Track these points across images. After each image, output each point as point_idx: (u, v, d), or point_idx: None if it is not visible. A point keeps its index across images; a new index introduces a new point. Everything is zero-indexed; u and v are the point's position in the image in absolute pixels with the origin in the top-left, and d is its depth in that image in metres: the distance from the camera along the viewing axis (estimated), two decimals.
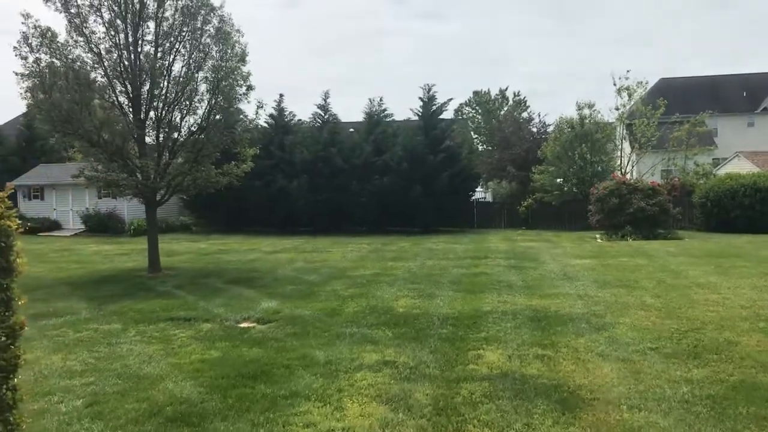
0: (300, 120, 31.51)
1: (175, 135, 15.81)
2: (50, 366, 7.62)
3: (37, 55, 14.12)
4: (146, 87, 15.22)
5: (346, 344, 8.41)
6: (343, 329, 9.28)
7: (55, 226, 30.96)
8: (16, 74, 14.38)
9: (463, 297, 11.69)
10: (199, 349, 8.32)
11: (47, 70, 14.22)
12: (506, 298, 11.55)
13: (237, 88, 15.53)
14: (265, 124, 31.26)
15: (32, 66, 14.11)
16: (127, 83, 14.96)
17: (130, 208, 30.28)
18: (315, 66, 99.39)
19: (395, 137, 28.91)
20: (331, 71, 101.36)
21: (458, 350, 8.05)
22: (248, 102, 15.83)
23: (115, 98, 14.85)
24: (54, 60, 14.47)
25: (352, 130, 31.24)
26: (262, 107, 16.02)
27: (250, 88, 15.53)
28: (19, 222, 4.31)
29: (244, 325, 9.91)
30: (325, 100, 30.40)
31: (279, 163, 29.18)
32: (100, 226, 29.74)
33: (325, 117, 30.45)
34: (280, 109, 31.18)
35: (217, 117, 15.72)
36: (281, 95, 31.49)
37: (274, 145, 29.79)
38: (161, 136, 15.38)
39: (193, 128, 15.88)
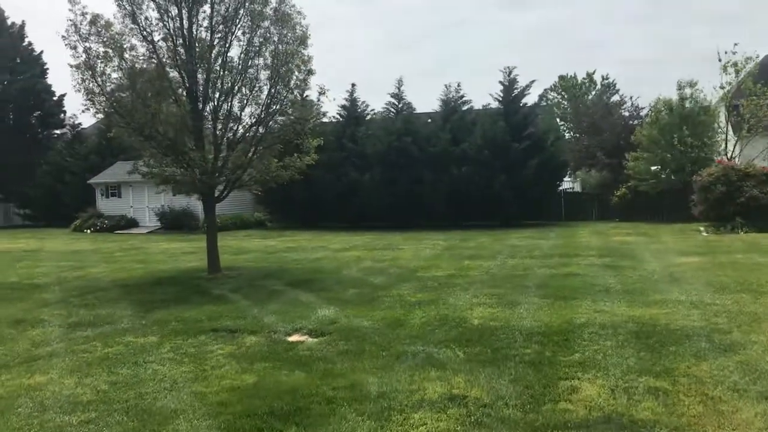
0: (373, 110, 30.22)
1: (234, 126, 14.68)
2: (56, 394, 6.48)
3: (87, 45, 13.27)
4: (202, 76, 14.15)
5: (406, 368, 6.91)
6: (405, 347, 7.79)
7: (131, 223, 30.91)
8: (71, 66, 13.66)
9: (551, 305, 9.95)
10: (232, 373, 7.01)
11: (98, 60, 13.37)
12: (603, 306, 9.74)
13: (297, 73, 14.24)
14: (337, 116, 30.11)
15: (82, 55, 13.29)
16: (182, 72, 13.92)
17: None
18: (392, 61, 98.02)
19: (473, 125, 27.10)
20: (409, 65, 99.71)
21: (546, 379, 6.40)
22: (309, 89, 14.54)
23: (170, 89, 13.82)
24: (107, 49, 13.62)
25: (429, 120, 29.60)
26: (324, 93, 14.66)
27: (310, 72, 14.23)
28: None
29: (293, 338, 8.57)
30: (398, 89, 28.97)
31: (351, 155, 27.96)
32: (174, 223, 29.42)
33: (399, 106, 29.00)
34: (352, 100, 29.95)
35: (277, 106, 14.50)
36: (353, 85, 30.11)
37: (346, 137, 28.60)
38: (218, 127, 14.27)
39: (252, 119, 14.73)
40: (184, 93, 13.93)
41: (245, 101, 14.59)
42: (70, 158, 34.41)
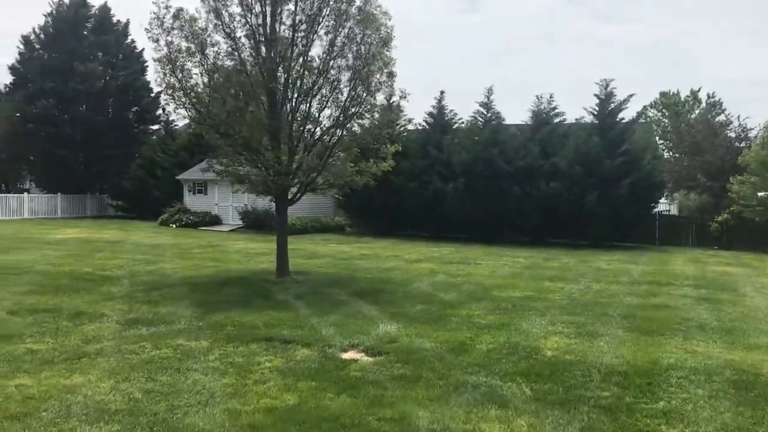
0: (461, 119, 29.36)
1: (312, 128, 14.28)
2: (87, 398, 6.11)
3: (169, 38, 13.21)
4: (282, 75, 13.83)
5: (463, 402, 6.17)
6: (466, 376, 7.03)
7: (215, 220, 31.28)
8: (153, 60, 13.67)
9: (636, 340, 8.93)
10: (274, 390, 6.48)
11: (179, 54, 13.29)
12: (696, 346, 8.64)
13: (378, 76, 13.70)
14: (424, 123, 29.49)
15: (164, 48, 13.24)
16: (262, 71, 13.63)
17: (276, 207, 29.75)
18: (484, 71, 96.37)
19: (565, 138, 25.83)
20: (500, 76, 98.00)
21: (622, 431, 5.52)
22: (390, 92, 13.94)
23: (249, 86, 13.56)
24: (190, 44, 13.54)
25: (518, 132, 28.47)
26: (405, 97, 14.02)
27: (391, 75, 13.64)
28: None
29: (347, 355, 7.98)
30: (488, 98, 27.94)
31: (435, 163, 27.21)
32: (256, 223, 29.52)
33: (488, 115, 27.99)
34: (440, 107, 29.20)
35: (356, 109, 14.00)
36: (442, 92, 29.29)
37: (431, 145, 27.90)
38: (295, 128, 13.89)
39: (330, 121, 14.30)
40: (263, 92, 13.62)
41: (324, 103, 14.17)
42: (162, 154, 35.29)
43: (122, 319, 9.75)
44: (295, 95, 13.85)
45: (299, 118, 13.99)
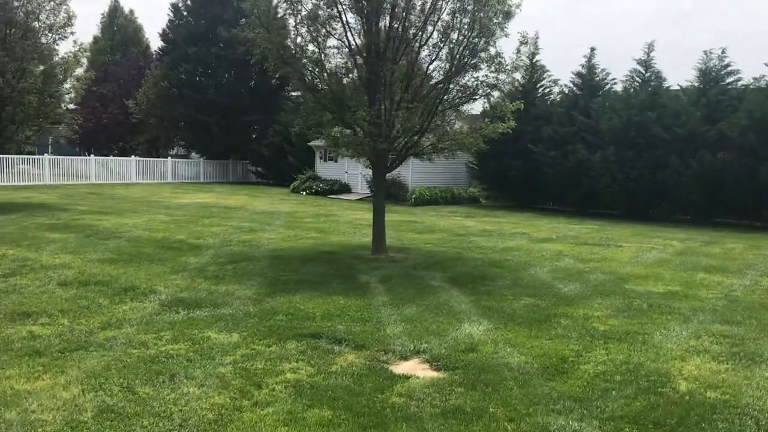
0: (614, 79, 25.81)
1: (418, 82, 12.24)
2: (24, 415, 4.71)
3: None
4: (383, 20, 11.91)
5: None
6: (549, 417, 4.91)
7: (344, 189, 30.25)
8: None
9: None
10: (269, 421, 4.77)
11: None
12: None
13: (495, 18, 11.42)
14: (570, 84, 26.35)
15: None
16: (362, 14, 11.77)
17: (414, 175, 28.11)
18: (656, 35, 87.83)
19: (739, 101, 21.72)
20: (673, 40, 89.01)
21: None
22: (506, 36, 11.61)
23: (344, 31, 11.79)
24: None
25: (682, 93, 24.53)
26: (525, 43, 11.63)
27: (508, 15, 11.29)
28: None
29: (402, 367, 6.10)
30: (647, 54, 24.19)
31: (581, 130, 24.12)
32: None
33: (646, 75, 24.32)
34: (589, 66, 25.81)
35: (470, 59, 11.82)
36: (592, 49, 25.73)
37: (578, 109, 24.80)
38: (395, 82, 11.95)
39: (439, 73, 12.24)
40: (357, 38, 11.80)
41: (435, 54, 12.12)
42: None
43: (168, 299, 8.49)
44: (397, 43, 11.88)
45: (405, 70, 12.03)
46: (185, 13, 38.49)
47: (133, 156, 36.06)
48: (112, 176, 33.56)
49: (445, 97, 12.08)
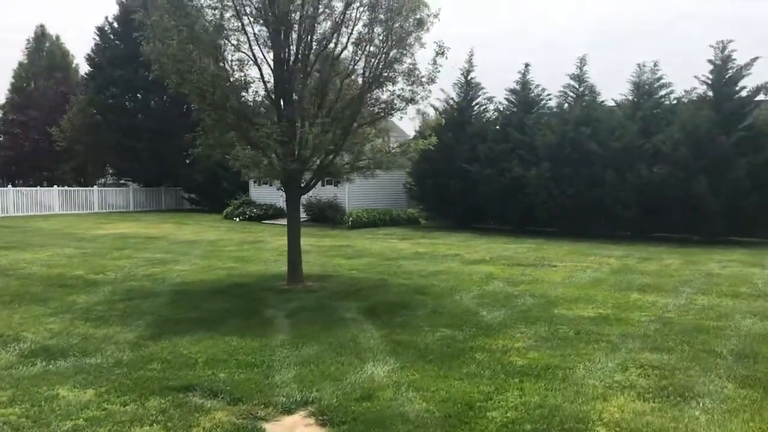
0: (549, 95, 25.47)
1: (333, 97, 11.35)
2: None
3: None
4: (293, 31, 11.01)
5: None
6: None
7: (279, 213, 29.07)
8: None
9: (757, 406, 5.50)
10: None
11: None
12: None
13: (408, 27, 10.66)
14: (506, 101, 25.94)
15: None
16: (262, 25, 10.86)
17: (351, 197, 27.27)
18: (596, 56, 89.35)
19: (672, 114, 21.56)
20: (615, 62, 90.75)
21: None
22: (423, 47, 10.86)
23: (248, 42, 10.83)
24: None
25: (616, 107, 24.27)
26: (442, 53, 10.86)
27: (421, 24, 10.55)
28: None
29: (280, 426, 5.20)
30: (580, 68, 23.98)
31: (517, 147, 23.65)
32: (320, 215, 27.14)
33: (580, 89, 24.10)
34: (524, 83, 25.43)
35: (386, 72, 11.03)
36: (526, 65, 25.31)
37: (513, 126, 24.36)
38: (304, 96, 11.04)
39: (354, 88, 11.41)
40: (263, 50, 10.89)
41: (351, 65, 11.28)
42: None
43: (32, 347, 7.35)
44: (308, 52, 10.99)
45: (312, 84, 11.17)
46: (112, 37, 37.05)
47: (55, 186, 34.23)
48: (33, 207, 31.73)
49: (361, 112, 11.24)
